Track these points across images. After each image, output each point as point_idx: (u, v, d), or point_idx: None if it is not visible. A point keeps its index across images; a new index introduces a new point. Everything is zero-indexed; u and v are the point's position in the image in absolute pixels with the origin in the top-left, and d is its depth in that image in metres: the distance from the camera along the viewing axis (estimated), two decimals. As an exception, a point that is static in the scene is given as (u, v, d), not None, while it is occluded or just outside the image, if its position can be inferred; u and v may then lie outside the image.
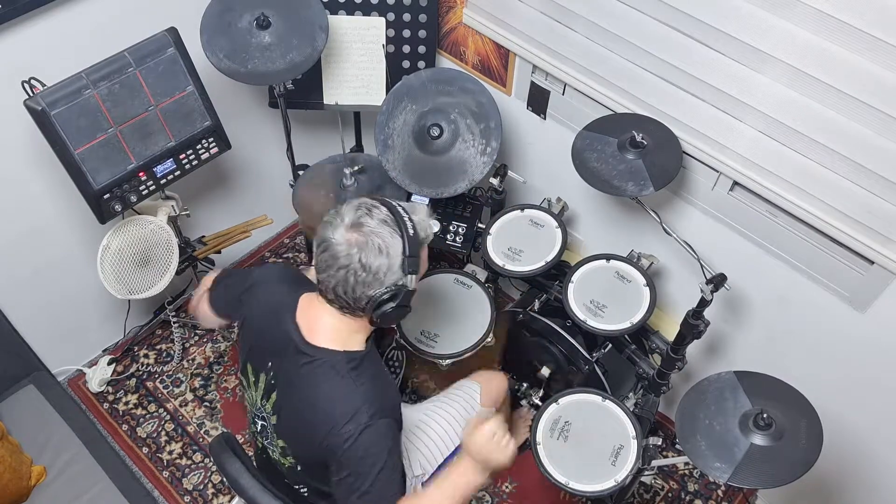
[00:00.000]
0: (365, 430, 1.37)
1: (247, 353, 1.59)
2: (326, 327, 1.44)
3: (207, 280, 1.76)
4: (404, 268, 1.37)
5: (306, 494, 1.63)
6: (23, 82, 1.75)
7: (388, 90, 2.14)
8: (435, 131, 2.05)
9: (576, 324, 1.90)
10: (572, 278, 1.96)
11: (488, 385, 1.99)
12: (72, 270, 2.36)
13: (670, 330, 1.98)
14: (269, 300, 1.55)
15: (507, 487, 2.38)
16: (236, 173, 2.69)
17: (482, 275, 2.27)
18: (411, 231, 1.39)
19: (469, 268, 2.32)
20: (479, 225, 2.21)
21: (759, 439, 1.44)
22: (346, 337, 1.45)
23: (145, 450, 2.46)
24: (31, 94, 1.72)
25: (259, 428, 1.59)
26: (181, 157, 2.00)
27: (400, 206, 1.42)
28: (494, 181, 2.15)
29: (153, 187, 1.99)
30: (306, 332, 1.45)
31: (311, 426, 1.42)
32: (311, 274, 1.54)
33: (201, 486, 2.39)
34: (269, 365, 1.51)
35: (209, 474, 2.41)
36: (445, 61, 2.33)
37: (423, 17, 2.18)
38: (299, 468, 1.54)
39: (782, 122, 1.59)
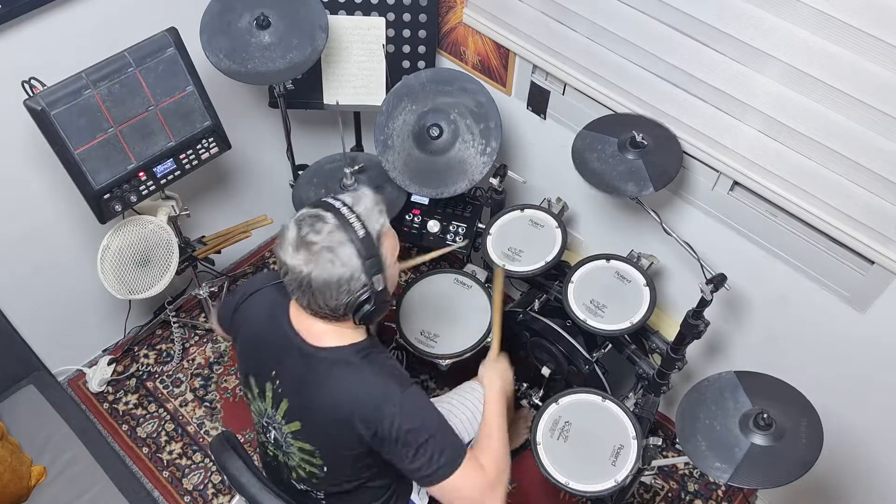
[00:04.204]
0: (404, 402, 1.38)
1: (247, 365, 1.57)
2: (324, 331, 1.43)
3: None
4: (366, 271, 1.34)
5: (324, 501, 1.61)
6: (23, 82, 1.75)
7: (388, 90, 2.14)
8: (434, 131, 2.05)
9: (576, 324, 1.90)
10: (572, 278, 1.96)
11: None
12: (72, 270, 2.36)
13: (670, 330, 1.98)
14: (265, 305, 1.54)
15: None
16: (236, 173, 2.69)
17: (482, 275, 2.27)
18: (361, 233, 1.32)
19: (469, 268, 2.32)
20: (479, 225, 2.21)
21: (759, 439, 1.44)
22: (345, 334, 1.45)
23: (145, 450, 2.46)
24: (31, 94, 1.72)
25: (272, 438, 1.56)
26: (181, 157, 2.00)
27: (344, 205, 1.36)
28: (494, 181, 2.15)
29: (153, 187, 1.99)
30: (306, 336, 1.44)
31: (343, 420, 1.39)
32: None
33: (201, 486, 2.38)
34: (273, 374, 1.49)
35: (209, 474, 2.41)
36: (445, 61, 2.33)
37: (423, 17, 2.18)
38: (326, 469, 1.51)
39: (782, 122, 1.59)
